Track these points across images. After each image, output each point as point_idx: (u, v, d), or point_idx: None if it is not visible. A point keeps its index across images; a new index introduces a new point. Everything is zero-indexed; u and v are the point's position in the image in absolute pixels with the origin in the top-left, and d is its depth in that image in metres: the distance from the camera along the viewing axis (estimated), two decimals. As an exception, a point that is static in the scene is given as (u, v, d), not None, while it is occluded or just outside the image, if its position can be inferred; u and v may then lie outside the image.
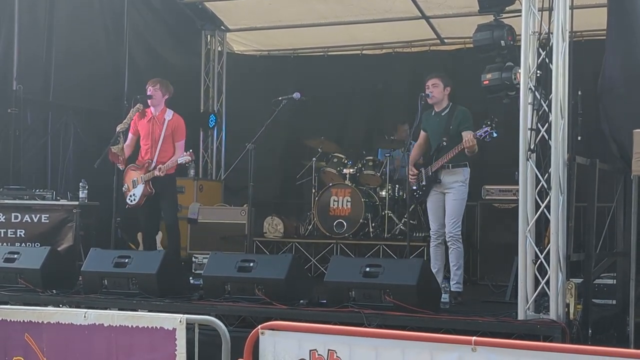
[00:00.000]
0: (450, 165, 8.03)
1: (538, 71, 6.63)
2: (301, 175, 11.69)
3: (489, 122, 7.74)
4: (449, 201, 8.07)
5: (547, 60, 6.60)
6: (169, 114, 9.14)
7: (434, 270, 7.88)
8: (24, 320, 6.03)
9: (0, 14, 10.19)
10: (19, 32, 10.26)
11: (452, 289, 7.87)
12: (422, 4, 11.31)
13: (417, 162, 8.42)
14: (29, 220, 9.59)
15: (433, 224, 8.23)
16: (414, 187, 8.35)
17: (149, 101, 9.08)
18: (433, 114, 8.28)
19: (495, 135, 7.71)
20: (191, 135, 11.35)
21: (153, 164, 9.01)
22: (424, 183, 8.20)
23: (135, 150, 9.27)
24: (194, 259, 9.85)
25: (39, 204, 9.65)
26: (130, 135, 9.25)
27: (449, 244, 8.08)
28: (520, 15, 6.76)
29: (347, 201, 10.73)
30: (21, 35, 10.29)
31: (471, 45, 8.35)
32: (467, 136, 7.86)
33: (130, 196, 9.12)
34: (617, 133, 7.24)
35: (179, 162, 8.99)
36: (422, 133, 8.42)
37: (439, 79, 8.19)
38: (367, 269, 7.00)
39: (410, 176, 8.35)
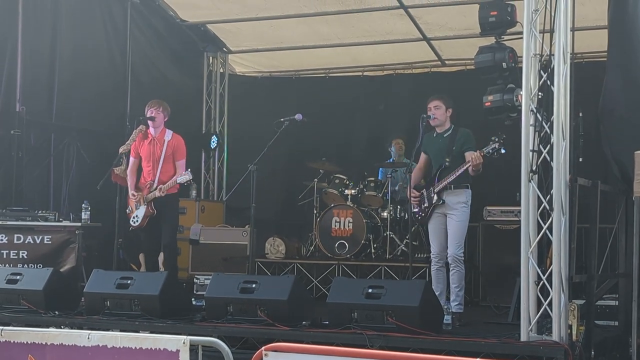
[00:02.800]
0: (452, 186, 7.98)
1: (539, 93, 6.66)
2: (303, 196, 11.71)
3: (496, 139, 7.71)
4: (452, 223, 8.01)
5: (548, 82, 6.63)
6: (169, 135, 9.16)
7: (436, 293, 7.85)
8: (27, 342, 6.01)
9: (4, 35, 10.23)
10: (23, 53, 10.29)
11: (453, 310, 7.86)
12: (423, 26, 11.37)
13: (418, 184, 8.40)
14: (32, 242, 9.57)
15: (434, 246, 8.16)
16: (416, 209, 8.31)
17: (150, 122, 9.09)
18: (435, 135, 8.26)
19: (503, 151, 7.67)
20: (193, 156, 11.39)
21: (155, 185, 9.02)
22: (426, 205, 8.16)
23: (139, 174, 9.26)
24: (195, 280, 9.82)
25: (42, 225, 9.64)
26: (132, 159, 9.24)
27: (451, 265, 8.01)
28: (521, 37, 6.80)
29: (349, 222, 10.74)
30: (24, 57, 10.31)
31: (472, 67, 8.38)
32: (473, 154, 7.82)
33: (134, 218, 9.12)
34: (618, 154, 7.26)
35: (178, 181, 8.97)
36: (423, 155, 8.37)
37: (440, 100, 8.19)
38: (370, 290, 7.01)
39: (412, 198, 8.30)
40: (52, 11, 10.63)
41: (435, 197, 8.04)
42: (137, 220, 9.07)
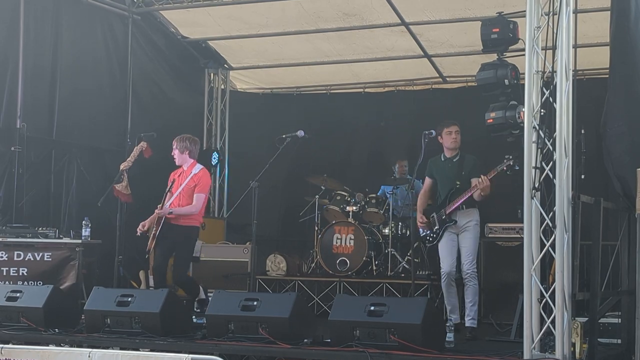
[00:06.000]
0: (464, 206, 8.19)
1: (542, 110, 6.66)
2: (304, 212, 11.68)
3: (510, 157, 7.82)
4: (465, 240, 8.21)
5: (550, 99, 6.63)
6: (197, 168, 8.94)
7: (448, 308, 8.13)
8: (27, 360, 6.00)
9: (6, 53, 10.23)
10: (24, 70, 10.29)
11: (467, 324, 8.06)
12: (424, 43, 11.39)
13: (426, 208, 8.52)
14: (32, 259, 9.53)
15: (446, 264, 8.27)
16: (427, 232, 8.46)
17: (175, 160, 9.01)
18: (443, 160, 8.39)
19: (517, 168, 7.74)
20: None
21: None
22: (437, 227, 8.30)
23: None
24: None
25: (42, 242, 9.60)
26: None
27: (465, 281, 8.17)
28: (523, 54, 6.80)
29: (350, 239, 10.71)
30: (26, 74, 10.31)
31: (473, 84, 8.37)
32: (478, 179, 7.98)
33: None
34: (621, 171, 7.24)
35: None
36: (428, 180, 8.54)
37: (458, 125, 8.34)
38: (372, 308, 6.97)
39: (420, 223, 8.46)
40: (53, 28, 10.63)
41: (448, 219, 8.21)
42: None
